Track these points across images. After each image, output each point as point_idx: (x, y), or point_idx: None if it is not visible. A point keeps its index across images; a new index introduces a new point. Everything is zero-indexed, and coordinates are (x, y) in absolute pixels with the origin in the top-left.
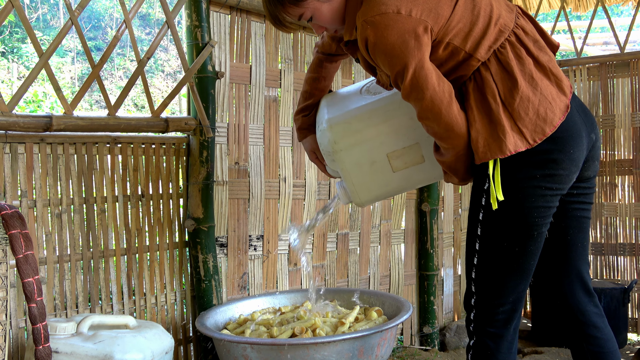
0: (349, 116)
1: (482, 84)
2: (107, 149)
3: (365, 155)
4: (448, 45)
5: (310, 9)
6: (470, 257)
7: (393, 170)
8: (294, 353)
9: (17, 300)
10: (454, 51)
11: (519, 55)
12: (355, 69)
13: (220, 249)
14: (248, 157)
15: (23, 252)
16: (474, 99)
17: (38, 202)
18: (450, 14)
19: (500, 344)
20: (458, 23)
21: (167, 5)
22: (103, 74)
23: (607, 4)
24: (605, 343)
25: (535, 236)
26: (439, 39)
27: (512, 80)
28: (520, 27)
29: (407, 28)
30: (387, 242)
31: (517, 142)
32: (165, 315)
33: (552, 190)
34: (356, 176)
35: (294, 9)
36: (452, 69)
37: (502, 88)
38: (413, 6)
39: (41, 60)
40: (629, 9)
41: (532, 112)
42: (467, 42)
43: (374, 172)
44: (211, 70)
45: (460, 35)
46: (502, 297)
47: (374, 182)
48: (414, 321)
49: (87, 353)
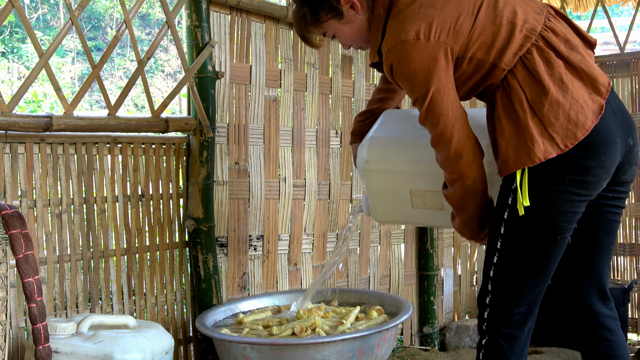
0: (390, 142)
1: (509, 91)
2: (107, 149)
3: (390, 184)
4: (472, 60)
5: (331, 28)
6: (490, 255)
7: (412, 206)
8: (294, 353)
9: (17, 300)
10: (478, 64)
11: (547, 59)
12: (355, 69)
13: (220, 249)
14: (248, 157)
15: (23, 252)
16: (502, 107)
17: (38, 202)
18: (470, 29)
19: (513, 345)
20: (480, 36)
21: (167, 5)
22: (103, 74)
23: (607, 4)
24: (617, 346)
25: (558, 240)
26: (462, 55)
27: (540, 86)
28: (550, 28)
29: (426, 54)
30: (387, 242)
31: (548, 148)
32: (165, 315)
33: (579, 196)
34: (377, 198)
35: (316, 28)
36: (481, 79)
37: (530, 94)
38: (432, 27)
39: (41, 60)
40: (629, 9)
41: (562, 116)
42: (490, 53)
43: (395, 201)
44: (211, 70)
45: (483, 48)
46: (519, 298)
47: (392, 209)
48: (414, 321)
49: (87, 353)
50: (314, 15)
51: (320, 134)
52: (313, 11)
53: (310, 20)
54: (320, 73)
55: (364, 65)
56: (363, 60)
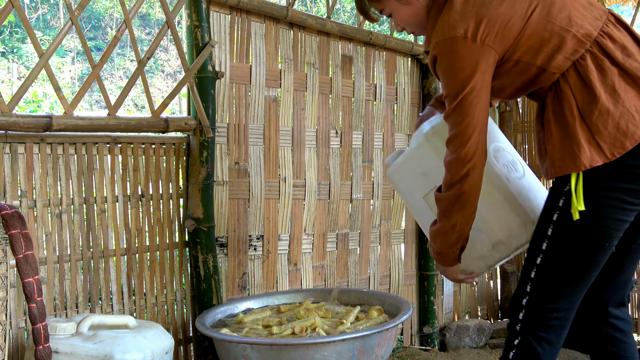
0: (401, 187)
1: (560, 95)
2: (107, 149)
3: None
4: (518, 63)
5: (389, 7)
6: (533, 256)
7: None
8: (294, 353)
9: (17, 300)
10: (525, 67)
11: (601, 66)
12: (355, 69)
13: (220, 249)
14: (248, 157)
15: (23, 252)
16: (552, 111)
17: (38, 202)
18: (519, 32)
19: (547, 350)
20: (528, 40)
21: (167, 5)
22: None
23: (607, 4)
24: (629, 348)
25: (605, 247)
26: (507, 58)
27: (591, 94)
28: (607, 34)
29: (469, 55)
30: (387, 242)
31: (594, 156)
32: (165, 315)
33: (631, 205)
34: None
35: (375, 4)
36: (529, 82)
37: (581, 101)
38: (481, 27)
39: (41, 60)
40: (629, 9)
41: (611, 125)
42: (537, 57)
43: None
44: (211, 70)
45: (530, 52)
46: (558, 302)
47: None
48: (414, 321)
49: (87, 353)
50: None
51: (320, 134)
52: None
53: None
54: (320, 73)
55: (364, 65)
56: (363, 60)
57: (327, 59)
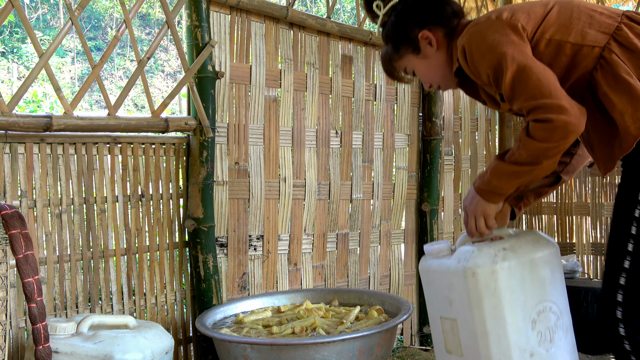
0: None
1: (611, 67)
2: (107, 149)
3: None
4: (550, 42)
5: (410, 63)
6: (618, 260)
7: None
8: (294, 353)
9: (17, 300)
10: (558, 46)
11: (638, 33)
12: (355, 69)
13: (220, 249)
14: (248, 157)
15: (23, 252)
16: (606, 84)
17: (38, 202)
18: (544, 15)
19: None
20: (557, 20)
21: (167, 5)
22: (103, 74)
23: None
24: None
25: None
26: (538, 38)
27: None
28: (629, 16)
29: (499, 26)
30: (387, 242)
31: None
32: (165, 315)
33: None
34: None
35: (397, 62)
36: (569, 67)
37: (633, 67)
38: (503, 11)
39: (41, 60)
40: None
41: None
42: (569, 34)
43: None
44: (211, 70)
45: (561, 30)
46: None
47: None
48: (414, 321)
49: (87, 353)
50: (395, 49)
51: (320, 134)
52: (395, 45)
53: (391, 54)
54: (320, 73)
55: (364, 65)
56: (363, 60)
57: (327, 59)
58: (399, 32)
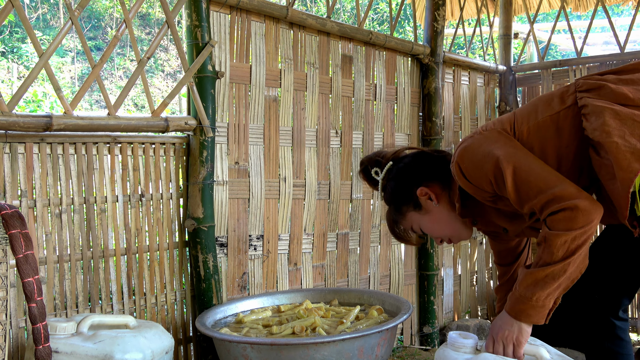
0: None
1: (593, 109)
2: (107, 148)
3: None
4: (529, 130)
5: (414, 221)
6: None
7: None
8: (294, 353)
9: (17, 300)
10: (538, 128)
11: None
12: (355, 69)
13: (220, 248)
14: (248, 157)
15: (23, 252)
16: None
17: (38, 202)
18: (513, 115)
19: None
20: (523, 112)
21: (167, 5)
22: (103, 74)
23: (607, 3)
24: (627, 345)
25: None
26: (518, 133)
27: None
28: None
29: (484, 138)
30: (387, 241)
31: None
32: (165, 315)
33: None
34: None
35: (401, 222)
36: (569, 138)
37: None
38: (480, 129)
39: (41, 60)
40: (629, 8)
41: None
42: (537, 115)
43: None
44: (211, 70)
45: (531, 115)
46: None
47: None
48: (414, 321)
49: (87, 353)
50: (397, 210)
51: (320, 134)
52: (396, 206)
53: (395, 215)
54: (320, 73)
55: (364, 65)
56: (363, 60)
57: (327, 59)
58: (397, 193)
